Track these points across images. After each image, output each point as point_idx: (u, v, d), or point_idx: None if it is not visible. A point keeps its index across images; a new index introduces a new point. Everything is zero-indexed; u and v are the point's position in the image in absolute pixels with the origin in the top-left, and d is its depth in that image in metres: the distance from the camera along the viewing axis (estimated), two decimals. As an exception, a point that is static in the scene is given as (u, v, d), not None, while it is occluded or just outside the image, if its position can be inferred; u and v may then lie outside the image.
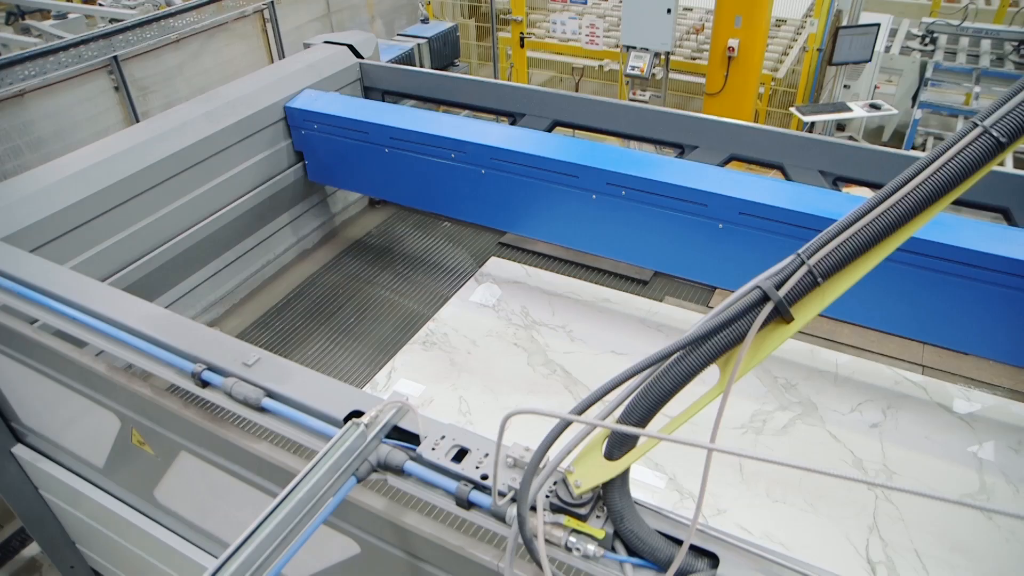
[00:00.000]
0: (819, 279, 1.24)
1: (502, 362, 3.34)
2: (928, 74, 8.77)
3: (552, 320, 3.56)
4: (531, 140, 3.39)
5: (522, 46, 9.39)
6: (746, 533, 2.60)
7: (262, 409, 1.89)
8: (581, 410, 1.35)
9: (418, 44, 6.55)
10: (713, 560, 1.44)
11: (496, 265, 3.98)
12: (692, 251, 3.10)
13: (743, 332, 1.26)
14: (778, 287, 1.24)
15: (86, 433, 2.76)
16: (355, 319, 3.73)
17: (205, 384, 1.96)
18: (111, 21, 6.00)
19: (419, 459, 1.68)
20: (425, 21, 7.09)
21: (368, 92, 4.36)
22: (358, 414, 1.76)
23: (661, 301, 3.72)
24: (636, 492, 2.67)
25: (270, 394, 1.89)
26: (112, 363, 2.33)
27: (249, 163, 3.68)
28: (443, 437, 1.70)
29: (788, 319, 1.26)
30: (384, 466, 1.70)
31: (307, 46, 4.35)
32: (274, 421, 1.87)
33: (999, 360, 3.13)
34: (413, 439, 1.74)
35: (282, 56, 6.49)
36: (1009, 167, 7.73)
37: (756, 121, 8.45)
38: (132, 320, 2.14)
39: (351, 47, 4.26)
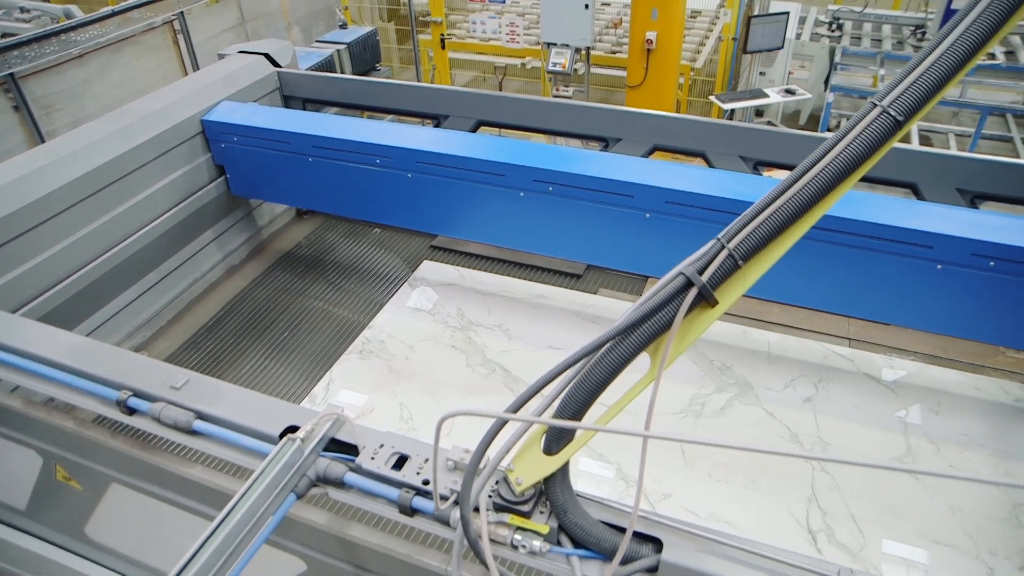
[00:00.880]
0: (740, 262, 1.27)
1: (441, 365, 3.32)
2: (837, 59, 9.10)
3: (488, 320, 3.56)
4: (456, 142, 3.39)
5: (443, 48, 9.36)
6: (692, 515, 2.65)
7: (194, 432, 1.83)
8: (516, 408, 1.35)
9: (338, 50, 6.46)
10: (658, 545, 1.46)
11: (429, 269, 3.96)
12: (622, 242, 3.14)
13: (670, 319, 1.28)
14: (701, 272, 1.27)
15: (4, 474, 2.62)
16: (289, 333, 3.66)
17: (132, 411, 1.88)
18: (4, 36, 5.71)
19: (359, 470, 1.65)
20: (344, 26, 6.99)
21: (288, 101, 4.27)
22: (294, 429, 1.73)
23: (595, 293, 3.76)
24: (584, 484, 2.70)
25: (201, 416, 1.83)
26: (30, 398, 2.22)
27: (167, 180, 3.56)
28: (382, 446, 1.68)
29: (713, 303, 1.29)
30: (324, 480, 1.67)
31: (221, 57, 4.24)
32: (207, 443, 1.82)
33: (918, 328, 3.27)
34: (352, 450, 1.72)
35: (196, 68, 6.31)
36: (915, 144, 8.10)
37: (678, 111, 8.63)
38: (48, 351, 2.05)
39: (268, 56, 4.17)
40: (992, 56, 9.58)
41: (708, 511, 2.67)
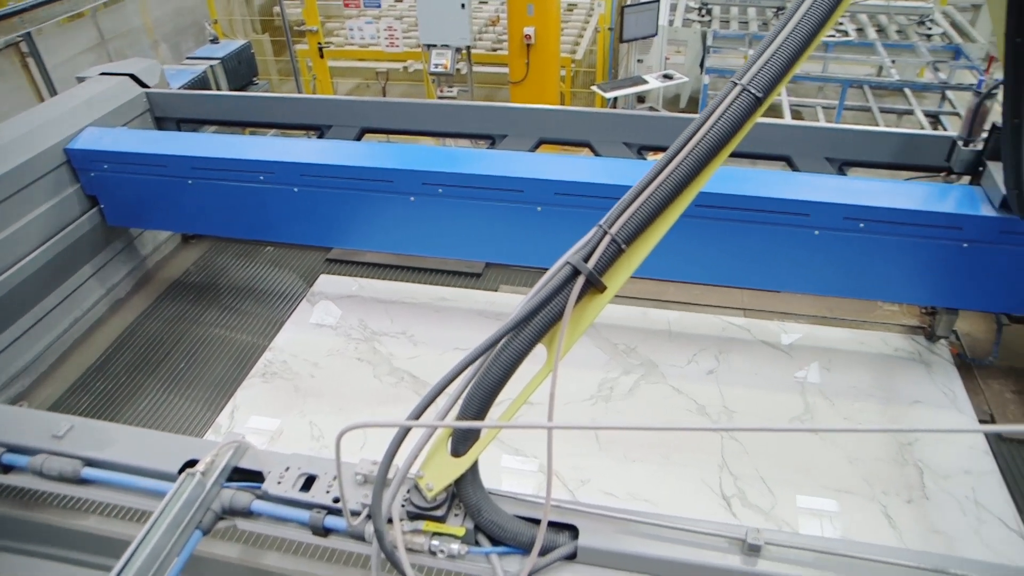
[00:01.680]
0: (623, 246, 1.30)
1: (348, 379, 3.26)
2: (709, 42, 9.47)
3: (392, 328, 3.51)
4: (340, 151, 3.32)
5: (322, 56, 9.14)
6: (611, 497, 2.70)
7: (83, 481, 1.72)
8: (418, 414, 1.34)
9: (211, 66, 6.19)
10: (574, 532, 1.48)
11: (327, 282, 3.88)
12: (517, 237, 3.16)
13: (561, 309, 1.30)
14: (586, 260, 1.29)
15: None
16: (186, 363, 3.50)
17: (8, 469, 1.75)
18: None
19: (266, 496, 1.60)
20: (215, 41, 6.72)
21: (161, 123, 4.08)
22: (194, 463, 1.65)
23: (496, 291, 3.77)
24: (509, 480, 2.72)
25: (90, 463, 1.72)
26: None
27: (32, 216, 3.34)
28: (288, 468, 1.63)
29: (601, 288, 1.31)
30: (230, 511, 1.61)
31: (81, 80, 4.00)
32: (99, 491, 1.72)
33: (805, 292, 3.44)
34: (257, 477, 1.66)
35: (53, 93, 5.92)
36: (788, 119, 8.51)
37: (562, 103, 8.77)
38: None
39: (133, 76, 3.97)
40: (845, 33, 10.19)
41: (627, 491, 2.73)
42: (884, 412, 3.05)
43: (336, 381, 3.27)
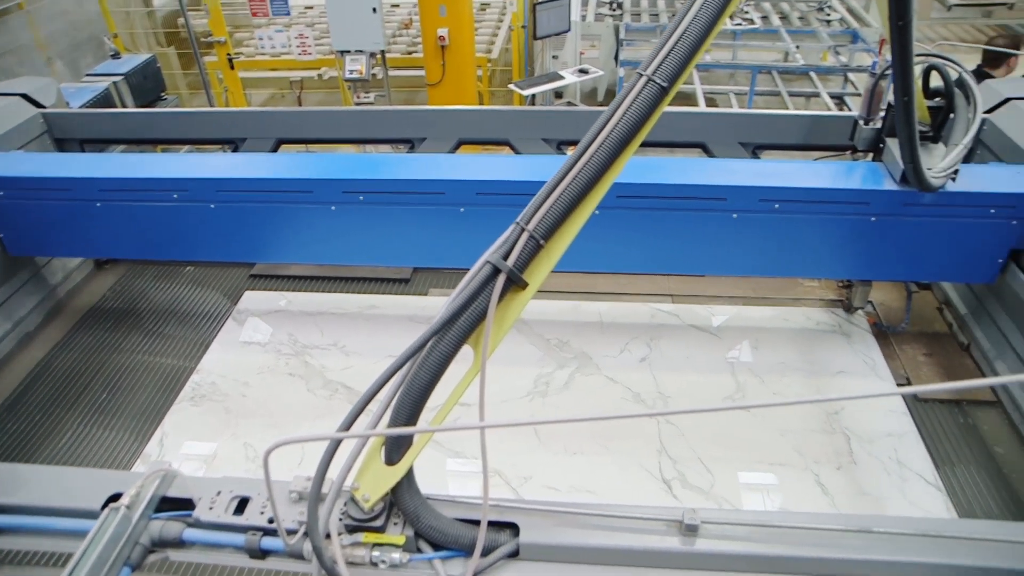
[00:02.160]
0: (541, 241, 1.31)
1: (281, 396, 3.19)
2: (622, 35, 9.64)
3: (322, 340, 3.45)
4: (256, 164, 3.25)
5: (232, 68, 8.91)
6: (554, 491, 2.72)
7: (-5, 528, 1.63)
8: (348, 424, 1.32)
9: (114, 83, 5.95)
10: (515, 529, 1.48)
11: (252, 299, 3.78)
12: (442, 240, 3.15)
13: (484, 308, 1.29)
14: (505, 257, 1.29)
15: None
16: (108, 394, 3.35)
17: None
18: None
19: (197, 523, 1.55)
20: (116, 56, 6.45)
21: (62, 144, 3.91)
22: (118, 497, 1.58)
23: (426, 295, 3.75)
24: (455, 483, 2.70)
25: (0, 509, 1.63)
26: None
27: (-78, 251, 3.15)
28: (219, 493, 1.58)
29: (523, 285, 1.32)
30: (160, 543, 1.55)
31: (-34, 103, 3.79)
32: (13, 539, 1.62)
33: (729, 274, 3.53)
34: (188, 505, 1.60)
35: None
36: (702, 107, 8.71)
37: (481, 103, 8.78)
38: None
39: (26, 96, 3.78)
40: (751, 21, 10.51)
41: (569, 484, 2.75)
42: (811, 384, 3.16)
43: (269, 399, 3.19)
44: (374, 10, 7.02)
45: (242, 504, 1.57)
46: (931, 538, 1.44)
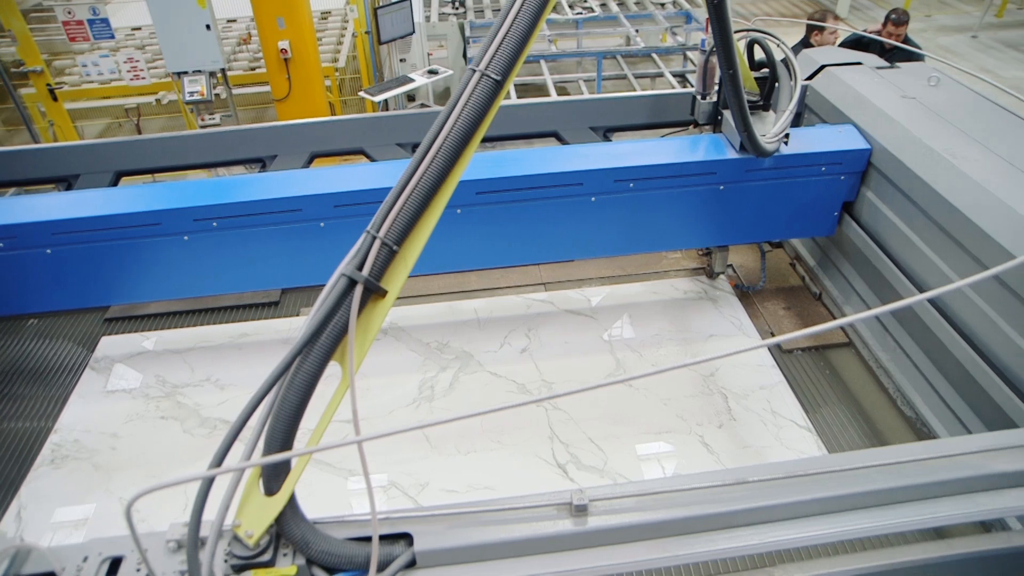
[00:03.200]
0: (394, 247, 1.30)
1: (155, 442, 3.00)
2: (468, 33, 9.72)
3: (193, 377, 3.28)
4: (94, 201, 3.02)
5: (55, 99, 8.26)
6: (453, 494, 2.71)
7: None
8: (219, 460, 1.26)
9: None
10: (410, 539, 1.46)
11: (111, 344, 3.53)
12: (305, 258, 3.06)
13: (346, 321, 1.27)
14: (360, 267, 1.27)
15: None
16: (-49, 472, 3.04)
17: None
18: None
19: (65, 596, 1.43)
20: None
21: None
22: None
23: (298, 315, 3.64)
24: (358, 502, 2.63)
25: None
26: None
27: None
28: (86, 558, 1.47)
29: (382, 293, 1.30)
30: (25, 625, 1.43)
31: None
32: None
33: (597, 256, 3.63)
34: (51, 578, 1.48)
35: None
36: (553, 96, 8.90)
37: (334, 114, 8.60)
38: None
39: None
40: (591, 9, 10.84)
41: (466, 484, 2.75)
42: (686, 351, 3.31)
43: (142, 447, 3.00)
44: (208, 27, 6.71)
45: (115, 565, 1.46)
46: (799, 477, 1.53)
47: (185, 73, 6.85)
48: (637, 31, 10.10)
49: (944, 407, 2.79)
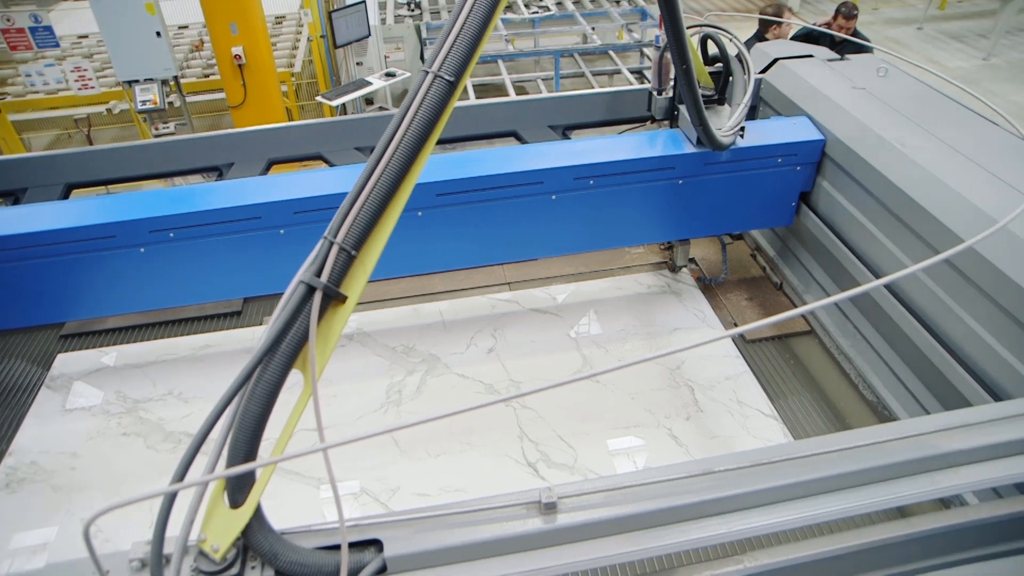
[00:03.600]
0: (352, 252, 1.29)
1: (118, 459, 2.94)
2: (424, 35, 9.67)
3: (156, 391, 3.22)
4: (44, 215, 2.94)
5: (-2, 111, 8.05)
6: (425, 498, 2.70)
7: None
8: (180, 475, 1.24)
9: None
10: (380, 545, 1.45)
11: (68, 361, 3.45)
12: (266, 266, 3.02)
13: (306, 329, 1.25)
14: (319, 273, 1.26)
15: None
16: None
17: None
18: None
19: (26, 622, 1.39)
20: None
21: None
22: None
23: (261, 324, 3.59)
24: (331, 510, 2.59)
25: None
26: None
27: None
28: (45, 584, 1.43)
29: (341, 299, 1.29)
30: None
31: None
32: None
33: (560, 254, 3.64)
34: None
35: None
36: (512, 96, 8.91)
37: (291, 120, 8.51)
38: None
39: None
40: (547, 8, 10.87)
41: (438, 487, 2.74)
42: (651, 345, 3.33)
43: (104, 465, 2.93)
44: (158, 34, 6.59)
45: (76, 589, 1.43)
46: (766, 465, 1.55)
47: (136, 82, 6.71)
48: (593, 29, 10.16)
49: (903, 389, 2.85)
